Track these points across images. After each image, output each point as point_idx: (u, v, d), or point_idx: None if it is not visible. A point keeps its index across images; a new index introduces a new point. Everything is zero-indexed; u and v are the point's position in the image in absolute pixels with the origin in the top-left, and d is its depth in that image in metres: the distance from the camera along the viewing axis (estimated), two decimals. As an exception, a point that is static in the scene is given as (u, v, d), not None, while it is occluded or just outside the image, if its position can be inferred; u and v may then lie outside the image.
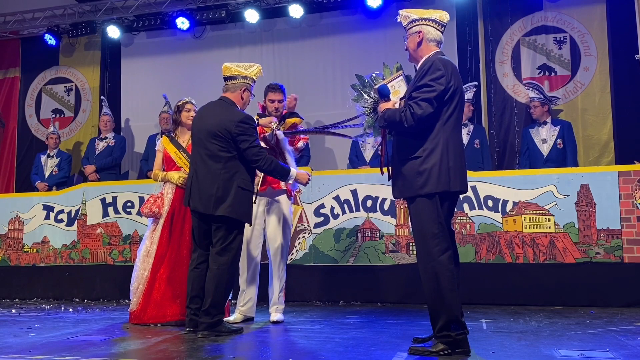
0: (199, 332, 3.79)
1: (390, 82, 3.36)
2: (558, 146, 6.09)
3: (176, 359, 3.09)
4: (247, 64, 4.10)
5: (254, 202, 4.11)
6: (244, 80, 3.99)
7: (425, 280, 3.14)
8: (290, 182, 4.07)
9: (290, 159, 4.18)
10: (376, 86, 3.35)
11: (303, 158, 5.92)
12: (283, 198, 4.43)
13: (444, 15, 3.34)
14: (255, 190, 4.15)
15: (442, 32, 3.33)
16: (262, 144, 4.06)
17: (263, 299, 4.48)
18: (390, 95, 3.30)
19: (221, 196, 3.77)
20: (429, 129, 3.15)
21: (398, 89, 3.32)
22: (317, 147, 6.92)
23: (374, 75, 3.46)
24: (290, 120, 4.53)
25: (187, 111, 4.56)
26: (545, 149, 6.12)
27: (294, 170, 4.04)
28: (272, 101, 4.42)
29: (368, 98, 3.42)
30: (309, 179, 4.15)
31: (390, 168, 3.40)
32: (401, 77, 3.39)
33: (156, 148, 4.74)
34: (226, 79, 4.02)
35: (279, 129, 4.24)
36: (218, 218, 3.80)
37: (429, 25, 3.28)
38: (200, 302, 3.86)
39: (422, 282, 3.17)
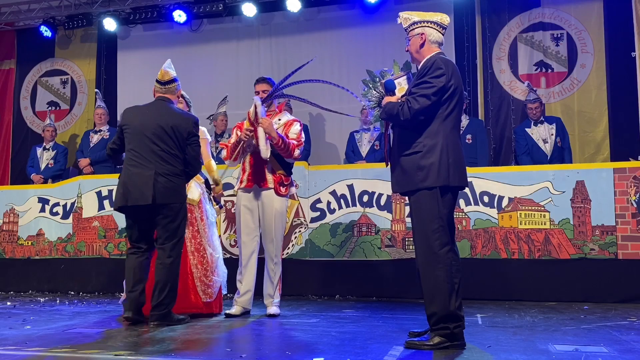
0: (151, 322, 3.90)
1: (397, 78, 3.40)
2: (558, 144, 6.09)
3: (173, 351, 3.09)
4: (170, 66, 4.31)
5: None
6: (177, 82, 4.26)
7: (423, 274, 3.16)
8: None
9: (263, 143, 4.22)
10: (383, 80, 3.38)
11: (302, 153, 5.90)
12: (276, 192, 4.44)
13: (444, 18, 3.37)
14: (236, 188, 4.48)
15: (443, 35, 3.36)
16: (246, 125, 4.32)
17: (259, 293, 4.50)
18: (396, 91, 3.34)
19: (173, 186, 3.98)
20: (428, 125, 3.18)
21: (404, 86, 3.36)
22: (314, 142, 6.92)
23: (384, 70, 3.48)
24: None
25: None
26: (547, 149, 6.08)
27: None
28: (257, 92, 4.53)
29: (375, 92, 3.45)
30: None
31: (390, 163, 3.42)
32: (408, 75, 3.41)
33: None
34: (167, 82, 4.20)
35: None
36: (168, 207, 3.95)
37: (431, 27, 3.31)
38: (142, 287, 3.96)
39: (420, 275, 3.18)
